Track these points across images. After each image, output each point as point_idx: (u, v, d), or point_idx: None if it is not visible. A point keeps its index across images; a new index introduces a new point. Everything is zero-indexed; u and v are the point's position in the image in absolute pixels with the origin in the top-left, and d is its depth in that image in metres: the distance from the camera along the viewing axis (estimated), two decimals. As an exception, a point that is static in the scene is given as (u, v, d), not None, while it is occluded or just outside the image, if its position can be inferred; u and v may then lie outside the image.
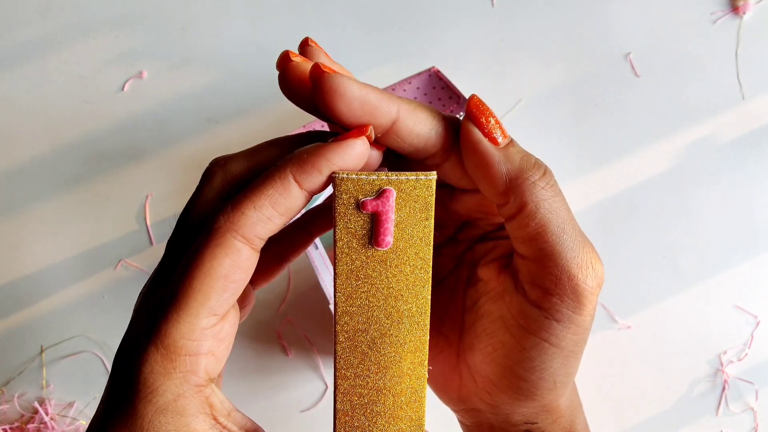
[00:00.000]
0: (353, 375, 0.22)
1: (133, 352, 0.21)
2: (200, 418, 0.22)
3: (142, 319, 0.22)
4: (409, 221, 0.22)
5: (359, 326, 0.22)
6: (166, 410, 0.21)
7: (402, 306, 0.22)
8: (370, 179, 0.21)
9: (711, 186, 0.58)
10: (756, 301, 0.57)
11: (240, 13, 0.57)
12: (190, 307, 0.21)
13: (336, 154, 0.21)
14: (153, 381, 0.21)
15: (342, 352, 0.22)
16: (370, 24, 0.57)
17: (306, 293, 0.56)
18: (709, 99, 0.58)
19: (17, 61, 0.56)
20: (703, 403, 0.57)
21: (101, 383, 0.55)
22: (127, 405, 0.21)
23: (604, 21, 0.58)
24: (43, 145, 0.56)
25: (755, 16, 0.58)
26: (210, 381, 0.22)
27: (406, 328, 0.22)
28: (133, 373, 0.21)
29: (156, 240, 0.55)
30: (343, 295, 0.22)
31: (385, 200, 0.21)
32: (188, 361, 0.21)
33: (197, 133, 0.56)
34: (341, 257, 0.22)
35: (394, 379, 0.22)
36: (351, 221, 0.21)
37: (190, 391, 0.21)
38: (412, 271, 0.22)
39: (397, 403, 0.22)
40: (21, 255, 0.55)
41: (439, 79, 0.48)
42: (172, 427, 0.21)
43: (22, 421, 0.54)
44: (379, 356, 0.22)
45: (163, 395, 0.21)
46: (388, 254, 0.22)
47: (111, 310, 0.55)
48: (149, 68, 0.56)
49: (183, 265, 0.21)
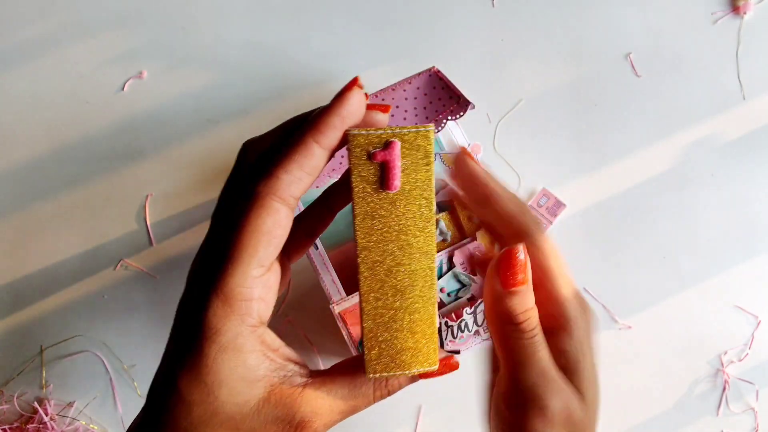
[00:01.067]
0: (374, 299, 0.26)
1: (197, 302, 0.25)
2: (254, 355, 0.25)
3: (201, 275, 0.25)
4: (413, 167, 0.25)
5: (376, 258, 0.26)
6: (227, 348, 0.25)
7: (412, 239, 0.26)
8: (377, 133, 0.25)
9: (711, 186, 0.58)
10: (756, 301, 0.57)
11: (240, 13, 0.57)
12: (243, 260, 0.24)
13: (340, 107, 0.25)
14: (216, 323, 0.24)
15: (364, 280, 0.26)
16: (370, 24, 0.57)
17: (306, 293, 0.56)
18: (710, 99, 0.58)
19: (17, 61, 0.56)
20: (703, 403, 0.57)
21: (101, 383, 0.55)
22: (193, 347, 0.25)
23: (605, 21, 0.58)
24: (43, 145, 0.56)
25: (755, 16, 0.58)
26: (261, 323, 0.26)
27: (416, 258, 0.26)
28: (199, 319, 0.25)
29: (156, 240, 0.55)
30: (361, 232, 0.26)
31: (391, 150, 0.25)
32: (244, 305, 0.25)
33: (197, 133, 0.56)
34: (358, 201, 0.25)
35: (409, 300, 0.26)
36: (364, 170, 0.25)
37: (247, 331, 0.25)
38: (419, 209, 0.26)
39: (413, 320, 0.26)
40: (21, 255, 0.55)
41: (440, 79, 0.48)
42: (233, 363, 0.25)
43: (22, 421, 0.54)
44: (395, 282, 0.26)
45: (225, 335, 0.24)
46: (397, 196, 0.25)
47: (111, 310, 0.55)
48: (149, 68, 0.56)
49: (232, 227, 0.25)
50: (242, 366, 0.25)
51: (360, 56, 0.57)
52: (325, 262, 0.46)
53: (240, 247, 0.25)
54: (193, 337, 0.25)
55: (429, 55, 0.57)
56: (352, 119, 0.25)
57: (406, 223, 0.26)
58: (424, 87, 0.48)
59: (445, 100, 0.48)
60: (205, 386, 0.25)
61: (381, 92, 0.48)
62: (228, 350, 0.25)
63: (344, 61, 0.57)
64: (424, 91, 0.48)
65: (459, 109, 0.48)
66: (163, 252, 0.55)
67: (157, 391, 0.26)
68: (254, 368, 0.25)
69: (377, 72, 0.57)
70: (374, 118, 0.27)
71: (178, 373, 0.25)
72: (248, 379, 0.25)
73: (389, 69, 0.57)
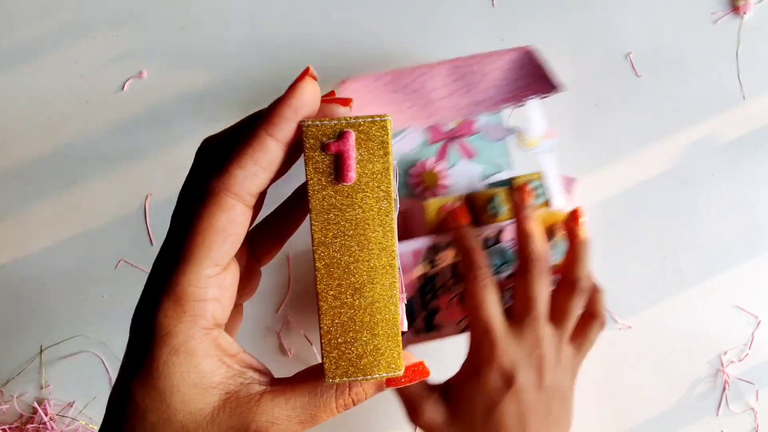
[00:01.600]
0: (332, 297, 0.25)
1: (149, 304, 0.24)
2: (208, 360, 0.24)
3: (154, 275, 0.25)
4: (369, 158, 0.25)
5: (334, 254, 0.25)
6: (179, 351, 0.24)
7: (370, 234, 0.25)
8: (331, 123, 0.24)
9: (711, 186, 0.58)
10: (756, 301, 0.57)
11: (240, 13, 0.57)
12: (195, 259, 0.24)
13: (292, 98, 0.24)
14: (167, 324, 0.24)
15: (321, 278, 0.25)
16: (369, 24, 0.57)
17: (306, 293, 0.56)
18: (710, 99, 0.58)
19: (17, 61, 0.56)
20: (703, 403, 0.57)
21: (101, 383, 0.55)
22: (144, 350, 0.24)
23: (604, 21, 0.58)
24: (43, 145, 0.56)
25: (756, 16, 0.58)
26: (217, 326, 0.25)
27: (375, 254, 0.25)
28: (150, 321, 0.24)
29: (156, 240, 0.55)
30: (317, 227, 0.25)
31: (345, 141, 0.24)
32: (196, 306, 0.24)
33: (197, 133, 0.56)
34: (313, 194, 0.25)
35: (368, 299, 0.25)
36: (318, 161, 0.24)
37: (200, 334, 0.24)
38: (377, 202, 0.25)
39: (373, 320, 0.25)
40: (21, 255, 0.55)
41: (533, 58, 0.47)
42: (184, 367, 0.24)
43: (21, 421, 0.54)
44: (353, 279, 0.25)
45: (176, 337, 0.24)
46: (353, 188, 0.25)
47: (111, 310, 0.55)
48: (149, 68, 0.56)
49: (186, 225, 0.24)
50: (195, 371, 0.24)
51: (359, 56, 0.57)
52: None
53: (192, 246, 0.24)
54: (146, 340, 0.24)
55: (429, 54, 0.57)
56: (305, 110, 0.25)
57: (364, 217, 0.25)
58: (515, 61, 0.47)
59: (534, 78, 0.47)
60: (157, 392, 0.24)
61: (470, 58, 0.47)
62: (179, 353, 0.24)
63: (343, 62, 0.57)
64: (515, 66, 0.47)
65: (548, 89, 0.47)
66: (163, 252, 0.55)
67: (114, 397, 0.25)
68: (209, 374, 0.24)
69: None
70: (334, 111, 0.26)
71: (131, 377, 0.24)
72: (202, 386, 0.24)
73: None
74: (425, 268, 0.45)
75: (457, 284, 0.45)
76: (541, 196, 0.46)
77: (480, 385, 0.39)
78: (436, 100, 0.47)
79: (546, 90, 0.47)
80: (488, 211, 0.45)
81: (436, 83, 0.47)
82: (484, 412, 0.39)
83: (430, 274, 0.45)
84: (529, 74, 0.47)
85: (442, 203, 0.46)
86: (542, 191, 0.46)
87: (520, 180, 0.46)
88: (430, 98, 0.47)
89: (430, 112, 0.47)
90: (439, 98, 0.47)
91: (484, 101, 0.47)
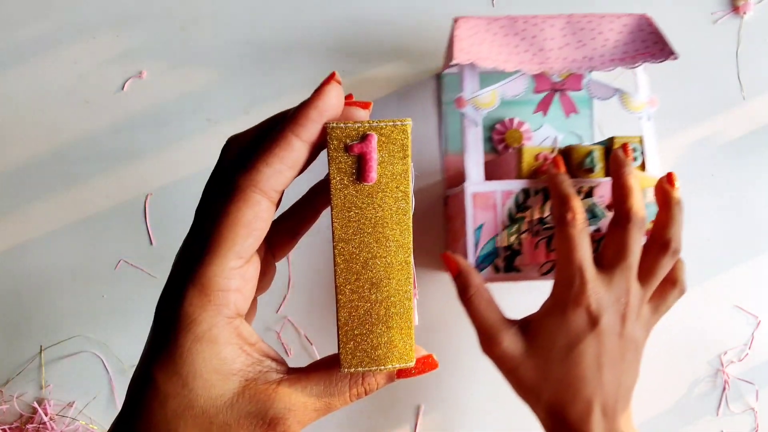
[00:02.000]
0: (350, 291, 0.26)
1: (175, 292, 0.25)
2: (229, 347, 0.25)
3: (180, 266, 0.26)
4: (389, 160, 0.26)
5: (353, 250, 0.26)
6: (202, 339, 0.25)
7: (388, 231, 0.26)
8: (355, 126, 0.25)
9: (711, 186, 0.58)
10: (756, 301, 0.57)
11: (240, 13, 0.57)
12: (221, 251, 0.25)
13: (318, 101, 0.25)
14: (192, 312, 0.25)
15: (340, 272, 0.26)
16: (369, 24, 0.57)
17: (306, 293, 0.56)
18: (709, 99, 0.58)
19: (17, 61, 0.56)
20: (703, 403, 0.57)
21: (101, 383, 0.55)
22: (168, 337, 0.25)
23: (604, 21, 0.58)
24: (43, 145, 0.56)
25: (755, 16, 0.59)
26: (238, 315, 0.26)
27: (392, 251, 0.26)
28: (175, 309, 0.25)
29: (156, 240, 0.55)
30: (338, 224, 0.26)
31: (368, 143, 0.25)
32: (220, 296, 0.25)
33: (197, 133, 0.56)
34: (335, 192, 0.26)
35: (385, 293, 0.26)
36: (341, 162, 0.26)
37: (222, 322, 0.25)
38: (395, 201, 0.26)
39: (389, 314, 0.26)
40: (21, 255, 0.55)
41: (649, 24, 0.48)
42: (207, 354, 0.25)
43: (21, 421, 0.54)
44: (371, 274, 0.26)
45: (200, 325, 0.25)
46: (373, 188, 0.26)
47: (111, 310, 0.55)
48: (149, 68, 0.56)
49: (213, 219, 0.25)
50: (217, 358, 0.25)
51: (359, 56, 0.57)
52: (478, 141, 0.46)
53: (219, 238, 0.25)
54: (170, 328, 0.25)
55: (429, 54, 0.57)
56: (330, 112, 0.26)
57: (383, 216, 0.26)
58: (631, 25, 0.48)
59: (648, 43, 0.47)
60: (179, 378, 0.25)
61: (586, 15, 0.48)
62: (203, 341, 0.25)
63: (344, 62, 0.57)
64: (630, 29, 0.48)
65: (663, 54, 0.47)
66: (163, 252, 0.55)
67: (135, 383, 0.26)
68: (229, 361, 0.25)
69: (377, 72, 0.57)
70: (355, 114, 0.28)
71: (154, 363, 0.25)
72: (223, 372, 0.25)
73: (389, 69, 0.57)
74: (513, 210, 0.46)
75: (544, 230, 0.46)
76: (638, 159, 0.46)
77: (564, 322, 0.41)
78: (549, 50, 0.48)
79: (661, 55, 0.47)
80: (584, 165, 0.46)
81: (550, 33, 0.47)
82: (564, 348, 0.40)
83: (516, 216, 0.46)
84: (644, 38, 0.48)
85: (539, 151, 0.47)
86: (639, 155, 0.46)
87: (622, 139, 0.46)
88: (543, 47, 0.48)
89: (542, 59, 0.47)
90: (553, 48, 0.48)
91: (597, 58, 0.48)
